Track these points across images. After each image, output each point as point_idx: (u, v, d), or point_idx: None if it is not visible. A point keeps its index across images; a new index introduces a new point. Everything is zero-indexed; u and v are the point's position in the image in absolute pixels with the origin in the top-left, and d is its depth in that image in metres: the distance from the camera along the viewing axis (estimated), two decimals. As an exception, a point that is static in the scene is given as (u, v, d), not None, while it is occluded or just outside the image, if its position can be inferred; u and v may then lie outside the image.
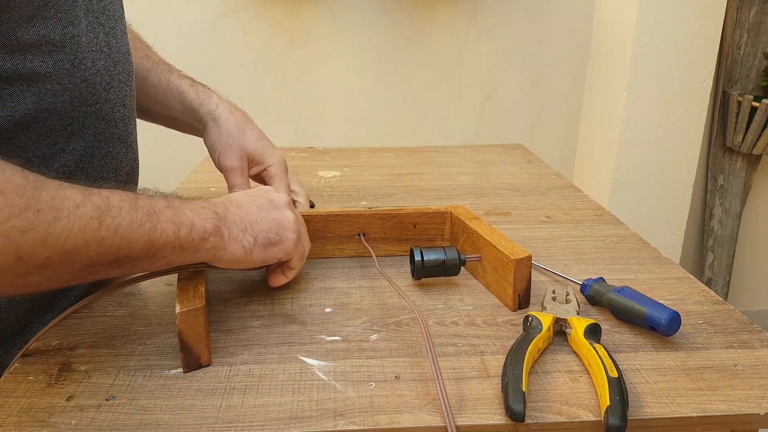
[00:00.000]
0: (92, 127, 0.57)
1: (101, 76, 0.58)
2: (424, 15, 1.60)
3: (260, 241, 0.53)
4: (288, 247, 0.55)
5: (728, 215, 1.86)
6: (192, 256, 0.49)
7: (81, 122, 0.56)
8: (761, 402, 0.45)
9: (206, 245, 0.50)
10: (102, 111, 0.58)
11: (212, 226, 0.50)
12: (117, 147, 0.62)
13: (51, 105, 0.52)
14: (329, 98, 1.65)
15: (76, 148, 0.56)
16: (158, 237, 0.46)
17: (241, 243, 0.52)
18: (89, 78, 0.56)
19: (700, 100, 1.53)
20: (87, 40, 0.55)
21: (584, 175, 1.72)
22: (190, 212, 0.49)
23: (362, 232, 0.68)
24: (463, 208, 0.69)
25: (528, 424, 0.42)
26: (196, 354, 0.48)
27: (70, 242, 0.41)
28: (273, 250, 0.54)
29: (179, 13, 1.53)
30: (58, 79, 0.52)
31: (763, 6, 1.67)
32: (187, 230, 0.48)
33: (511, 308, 0.57)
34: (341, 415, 0.43)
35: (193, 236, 0.48)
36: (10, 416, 0.42)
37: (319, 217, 0.67)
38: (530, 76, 1.68)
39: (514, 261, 0.56)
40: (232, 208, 0.53)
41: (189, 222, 0.48)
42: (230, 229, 0.51)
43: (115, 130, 0.61)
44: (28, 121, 0.51)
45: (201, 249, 0.49)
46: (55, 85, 0.52)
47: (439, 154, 1.19)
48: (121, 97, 0.62)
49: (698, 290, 0.62)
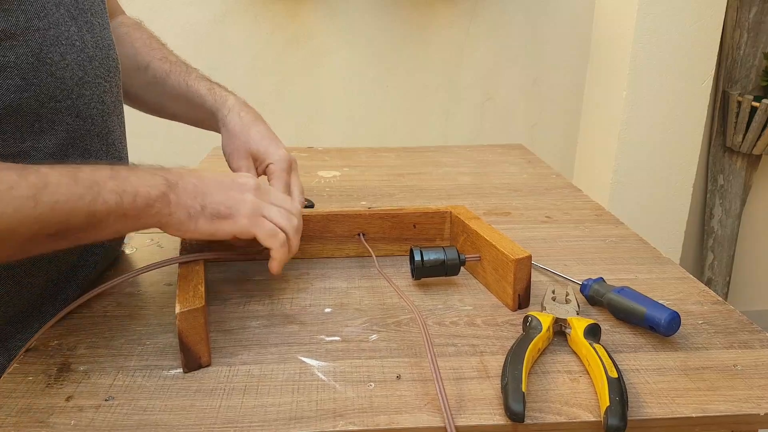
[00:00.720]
0: (64, 124, 0.56)
1: (72, 70, 0.56)
2: (424, 15, 1.60)
3: (208, 211, 0.53)
4: (240, 224, 0.54)
5: (728, 215, 1.86)
6: (137, 222, 0.51)
7: (50, 119, 0.54)
8: (761, 402, 0.44)
9: (151, 211, 0.50)
10: (75, 107, 0.57)
11: (158, 193, 0.51)
12: (95, 144, 0.61)
13: (14, 101, 0.51)
14: (329, 98, 1.65)
15: (47, 145, 0.55)
16: (100, 207, 0.47)
17: (187, 209, 0.52)
18: (56, 72, 0.54)
19: (700, 100, 1.53)
20: (55, 33, 0.54)
21: (584, 175, 1.72)
22: (136, 180, 0.50)
23: (362, 232, 0.68)
24: (462, 208, 0.69)
25: (528, 425, 0.42)
26: (196, 354, 0.48)
27: (4, 223, 0.42)
28: (223, 224, 0.54)
29: (179, 13, 1.53)
30: (21, 74, 0.51)
31: (763, 6, 1.67)
32: (131, 198, 0.49)
33: (511, 308, 0.57)
34: (341, 415, 0.43)
35: (137, 203, 0.49)
36: (10, 416, 0.42)
37: (319, 217, 0.67)
38: (530, 76, 1.68)
39: (515, 261, 0.56)
40: (189, 177, 0.54)
41: (133, 190, 0.49)
42: (179, 195, 0.52)
43: (92, 127, 0.60)
44: None
45: (146, 215, 0.50)
46: (17, 79, 0.50)
47: (439, 154, 1.19)
48: (99, 93, 0.60)
49: (698, 290, 0.62)
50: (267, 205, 0.56)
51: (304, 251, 0.68)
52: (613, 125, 1.54)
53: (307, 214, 0.67)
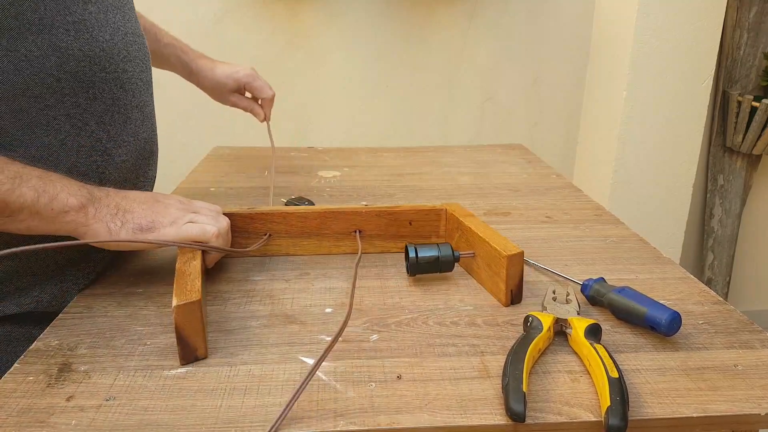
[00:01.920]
0: (111, 93, 0.64)
1: (117, 48, 0.65)
2: (424, 15, 1.60)
3: (129, 226, 0.56)
4: (164, 232, 0.57)
5: (728, 215, 1.86)
6: (52, 225, 0.54)
7: (101, 87, 0.63)
8: (761, 402, 0.44)
9: (66, 218, 0.53)
10: (120, 79, 0.65)
11: (77, 203, 0.54)
12: (135, 114, 0.69)
13: (73, 68, 0.59)
14: (329, 98, 1.64)
15: (97, 110, 0.63)
16: (15, 199, 0.51)
17: (106, 224, 0.55)
18: (107, 49, 0.63)
19: (700, 100, 1.52)
20: (105, 18, 0.64)
21: (584, 175, 1.72)
22: (60, 185, 0.54)
23: (359, 229, 0.69)
24: (457, 206, 0.70)
25: (528, 425, 0.42)
26: (193, 346, 0.48)
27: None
28: (148, 236, 0.57)
29: (179, 12, 1.53)
30: (80, 46, 0.60)
31: (763, 6, 1.67)
32: (47, 199, 0.52)
33: (504, 304, 0.58)
34: (341, 415, 0.43)
35: (53, 206, 0.52)
36: (11, 416, 0.42)
37: (315, 213, 0.68)
38: (530, 76, 1.68)
39: (507, 257, 0.56)
40: (115, 195, 0.58)
41: (53, 193, 0.53)
42: (98, 210, 0.55)
43: (133, 99, 0.68)
44: (52, 81, 0.58)
45: (60, 221, 0.53)
46: (76, 51, 0.59)
47: (439, 154, 1.19)
48: (138, 71, 0.69)
49: (698, 290, 0.62)
50: (190, 212, 0.61)
51: (302, 247, 0.69)
52: (613, 125, 1.54)
53: (304, 210, 0.68)
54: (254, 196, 0.91)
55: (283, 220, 0.68)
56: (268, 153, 1.18)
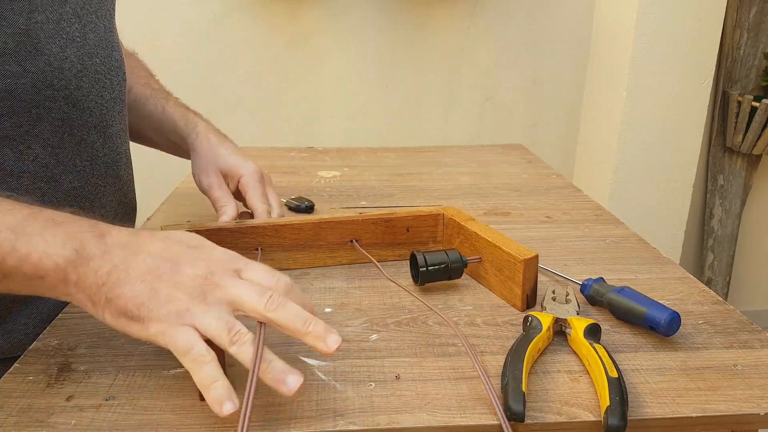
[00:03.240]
0: (60, 112, 0.57)
1: (71, 62, 0.58)
2: (424, 15, 1.60)
3: (113, 307, 0.41)
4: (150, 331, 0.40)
5: (728, 215, 1.86)
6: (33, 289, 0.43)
7: (47, 105, 0.56)
8: (761, 402, 0.45)
9: (44, 284, 0.42)
10: (73, 96, 0.58)
11: (53, 265, 0.41)
12: (92, 135, 0.62)
13: (11, 85, 0.52)
14: (329, 98, 1.65)
15: (43, 132, 0.56)
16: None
17: (90, 297, 0.42)
18: (54, 63, 0.56)
19: (700, 100, 1.52)
20: (55, 28, 0.56)
21: (584, 175, 1.72)
22: (38, 238, 0.42)
23: (355, 239, 0.67)
24: (454, 210, 0.68)
25: (528, 425, 0.42)
26: None
27: None
28: (132, 326, 0.41)
29: (179, 12, 1.53)
30: (18, 60, 0.53)
31: (763, 6, 1.67)
32: (16, 260, 0.41)
33: (520, 308, 0.57)
34: (341, 415, 0.43)
35: (23, 269, 0.41)
36: (10, 416, 0.42)
37: (310, 225, 0.65)
38: (530, 76, 1.68)
39: (523, 261, 0.56)
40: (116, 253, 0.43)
41: (25, 251, 0.41)
42: (81, 277, 0.42)
43: (90, 119, 0.61)
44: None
45: (38, 286, 0.42)
46: (14, 66, 0.52)
47: (439, 154, 1.19)
48: (98, 87, 0.62)
49: (698, 290, 0.62)
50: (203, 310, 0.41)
51: (295, 261, 0.66)
52: (613, 125, 1.54)
53: (298, 222, 0.65)
54: (254, 196, 0.91)
55: (275, 233, 0.64)
56: (268, 153, 1.18)
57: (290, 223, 0.65)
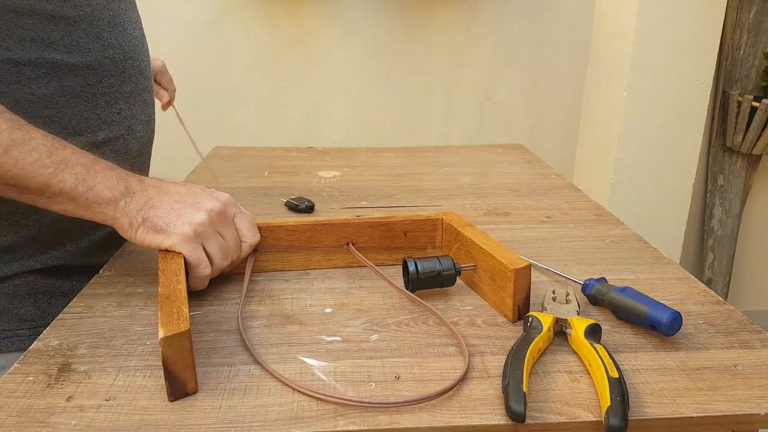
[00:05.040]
0: (135, 78, 0.73)
1: (138, 41, 0.74)
2: (424, 15, 1.60)
3: (148, 224, 0.56)
4: (171, 240, 0.56)
5: (728, 215, 1.86)
6: (86, 212, 0.56)
7: (129, 72, 0.72)
8: (761, 402, 0.44)
9: (98, 209, 0.56)
10: (140, 67, 0.74)
11: (110, 195, 0.56)
12: (148, 98, 0.78)
13: (111, 55, 0.69)
14: (329, 98, 1.64)
15: (125, 92, 0.71)
16: (55, 183, 0.54)
17: (129, 219, 0.56)
18: (133, 41, 0.73)
19: (700, 100, 1.52)
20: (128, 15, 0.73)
21: (584, 175, 1.72)
22: (102, 176, 0.56)
23: (351, 242, 0.66)
24: (454, 215, 0.67)
25: (528, 425, 0.42)
26: (182, 381, 0.45)
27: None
28: (156, 237, 0.56)
29: (179, 12, 1.53)
30: (116, 36, 0.70)
31: (763, 6, 1.67)
32: (85, 188, 0.55)
33: (511, 319, 0.55)
34: (341, 415, 0.43)
35: (88, 196, 0.55)
36: (10, 416, 0.42)
37: (305, 226, 0.64)
38: (530, 76, 1.68)
39: (514, 271, 0.54)
40: (152, 189, 0.58)
41: (92, 183, 0.56)
42: (128, 204, 0.57)
43: (147, 84, 0.77)
44: (95, 64, 0.67)
45: (93, 211, 0.56)
46: (113, 40, 0.69)
47: (439, 154, 1.19)
48: (147, 62, 0.78)
49: (698, 290, 0.62)
50: (212, 235, 0.58)
51: (290, 263, 0.65)
52: (613, 125, 1.54)
53: (293, 223, 0.64)
54: (254, 196, 0.91)
55: (270, 233, 0.64)
56: (268, 153, 1.18)
57: (285, 225, 0.64)
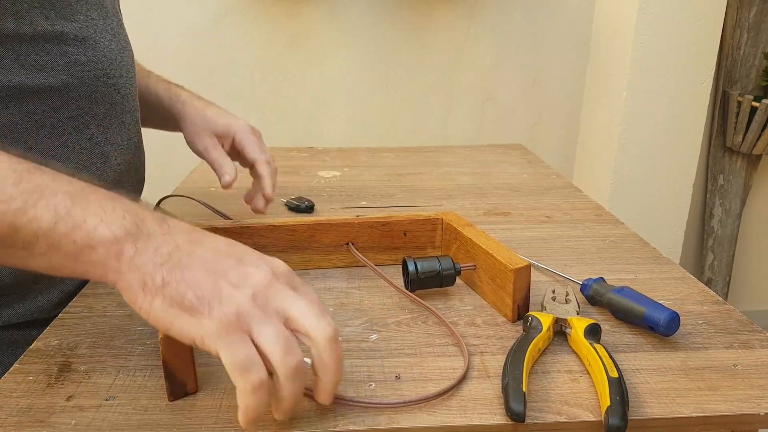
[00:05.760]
0: (110, 98, 0.65)
1: (115, 54, 0.66)
2: (424, 15, 1.60)
3: (168, 292, 0.37)
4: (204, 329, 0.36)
5: (728, 215, 1.86)
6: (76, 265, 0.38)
7: (102, 92, 0.64)
8: (761, 402, 0.45)
9: (92, 256, 0.38)
10: (117, 84, 0.66)
11: (110, 234, 0.38)
12: (128, 119, 0.69)
13: (79, 73, 0.61)
14: (329, 98, 1.65)
15: (98, 114, 0.64)
16: (26, 223, 0.37)
17: (142, 276, 0.37)
18: (108, 54, 0.64)
19: (700, 100, 1.52)
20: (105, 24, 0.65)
21: (584, 175, 1.72)
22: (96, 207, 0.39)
23: (350, 241, 0.66)
24: (454, 214, 0.67)
25: (528, 425, 0.42)
26: (182, 381, 0.45)
27: None
28: (181, 318, 0.37)
29: (179, 12, 1.53)
30: (84, 51, 0.61)
31: (763, 6, 1.67)
32: (68, 226, 0.37)
33: (510, 319, 0.56)
34: (341, 415, 0.43)
35: (75, 236, 0.37)
36: (10, 416, 0.42)
37: (305, 226, 0.64)
38: (530, 76, 1.68)
39: (514, 270, 0.54)
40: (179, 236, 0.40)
41: (79, 217, 0.38)
42: (140, 251, 0.38)
43: (127, 104, 0.68)
44: (60, 85, 0.59)
45: (84, 260, 0.38)
46: (82, 56, 0.61)
47: (439, 154, 1.19)
48: (129, 76, 0.69)
49: (698, 290, 0.62)
50: (264, 318, 0.38)
51: (290, 262, 0.63)
52: (613, 125, 1.54)
53: (293, 223, 0.64)
54: (254, 196, 0.91)
55: (269, 233, 0.64)
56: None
57: (285, 225, 0.64)
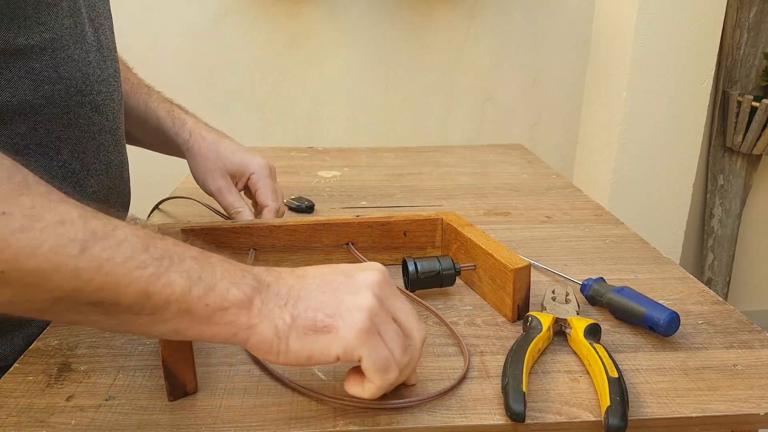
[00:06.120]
0: (86, 117, 0.59)
1: (94, 68, 0.59)
2: (424, 15, 1.60)
3: (299, 324, 0.39)
4: (344, 340, 0.39)
5: (728, 215, 1.86)
6: (203, 327, 0.38)
7: (77, 111, 0.57)
8: (761, 402, 0.45)
9: (225, 317, 0.38)
10: (95, 102, 0.59)
11: (240, 295, 0.38)
12: (108, 139, 0.63)
13: (48, 92, 0.54)
14: (329, 98, 1.64)
15: (71, 137, 0.57)
16: (159, 289, 0.36)
17: (273, 321, 0.39)
18: (83, 69, 0.57)
19: (700, 100, 1.52)
20: (81, 32, 0.58)
21: (584, 175, 1.72)
22: (221, 270, 0.39)
23: (351, 242, 0.65)
24: (454, 214, 0.67)
25: (528, 425, 0.42)
26: (182, 381, 0.45)
27: (33, 261, 0.33)
28: (318, 340, 0.39)
29: (179, 13, 1.53)
30: (54, 66, 0.54)
31: (763, 6, 1.67)
32: (203, 290, 0.37)
33: (510, 319, 0.56)
34: (341, 415, 0.43)
35: (208, 301, 0.37)
36: (10, 416, 0.42)
37: (305, 226, 0.64)
38: (530, 76, 1.68)
39: (514, 270, 0.54)
40: (288, 277, 0.42)
41: (211, 281, 0.38)
42: (265, 302, 0.39)
43: (107, 123, 0.62)
44: (26, 108, 0.52)
45: (217, 321, 0.38)
46: (51, 72, 0.54)
47: (439, 154, 1.19)
48: (110, 90, 0.63)
49: (698, 290, 0.62)
50: (386, 318, 0.41)
51: (290, 262, 0.65)
52: (613, 125, 1.54)
53: (293, 223, 0.64)
54: (254, 196, 0.91)
55: (269, 233, 0.63)
56: (268, 154, 1.18)
57: (285, 225, 0.64)
